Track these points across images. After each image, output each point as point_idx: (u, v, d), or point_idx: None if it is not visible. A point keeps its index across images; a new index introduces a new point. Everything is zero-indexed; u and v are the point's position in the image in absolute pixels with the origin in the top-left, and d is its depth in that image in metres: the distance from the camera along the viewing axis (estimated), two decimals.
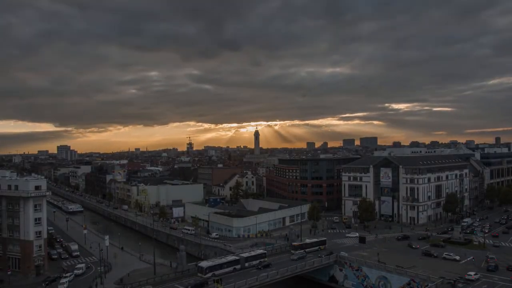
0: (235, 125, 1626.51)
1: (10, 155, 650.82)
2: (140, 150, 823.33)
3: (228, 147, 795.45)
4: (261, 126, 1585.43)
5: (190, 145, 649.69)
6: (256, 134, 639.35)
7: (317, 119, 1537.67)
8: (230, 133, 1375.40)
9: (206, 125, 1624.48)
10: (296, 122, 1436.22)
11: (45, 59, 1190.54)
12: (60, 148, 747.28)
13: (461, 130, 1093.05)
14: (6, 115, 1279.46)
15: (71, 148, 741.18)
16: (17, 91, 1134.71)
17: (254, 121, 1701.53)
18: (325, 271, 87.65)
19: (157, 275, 79.83)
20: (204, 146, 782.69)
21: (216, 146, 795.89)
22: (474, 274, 74.13)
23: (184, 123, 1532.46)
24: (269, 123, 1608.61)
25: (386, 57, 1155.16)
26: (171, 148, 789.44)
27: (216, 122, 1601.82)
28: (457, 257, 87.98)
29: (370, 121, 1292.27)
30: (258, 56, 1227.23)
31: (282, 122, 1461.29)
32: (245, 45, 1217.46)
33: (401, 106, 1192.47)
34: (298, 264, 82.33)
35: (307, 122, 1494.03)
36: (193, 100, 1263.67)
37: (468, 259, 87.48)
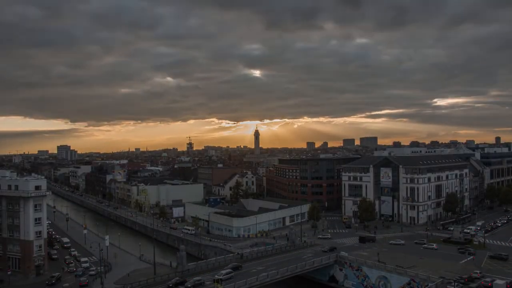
0: (256, 122, 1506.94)
1: (10, 155, 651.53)
2: (140, 150, 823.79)
3: (228, 147, 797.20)
4: (279, 124, 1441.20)
5: (190, 145, 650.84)
6: (256, 134, 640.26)
7: (349, 116, 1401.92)
8: (249, 132, 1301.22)
9: (225, 122, 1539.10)
10: (321, 119, 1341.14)
11: (70, 23, 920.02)
12: (60, 148, 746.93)
13: (493, 128, 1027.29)
14: (13, 110, 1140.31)
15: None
16: (27, 77, 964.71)
17: (280, 118, 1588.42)
18: (325, 271, 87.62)
19: (157, 275, 79.82)
20: (204, 146, 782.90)
21: (217, 146, 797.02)
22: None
23: (206, 120, 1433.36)
24: (293, 120, 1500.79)
25: (498, 35, 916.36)
26: (171, 148, 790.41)
27: (238, 119, 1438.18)
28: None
29: (400, 119, 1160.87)
30: (373, 21, 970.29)
31: (309, 119, 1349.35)
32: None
33: (444, 102, 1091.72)
34: (298, 264, 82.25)
35: (331, 119, 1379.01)
36: (231, 93, 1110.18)
37: (468, 259, 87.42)
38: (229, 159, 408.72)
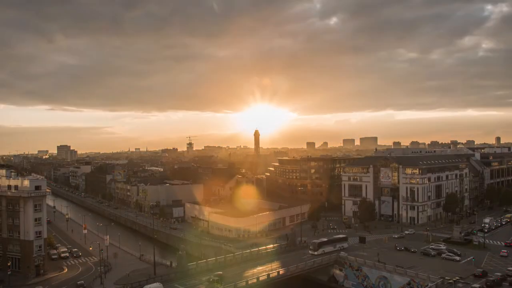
0: (322, 116, 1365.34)
1: (10, 155, 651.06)
2: (140, 150, 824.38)
3: (228, 147, 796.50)
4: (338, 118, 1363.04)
5: (190, 145, 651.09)
6: (256, 134, 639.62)
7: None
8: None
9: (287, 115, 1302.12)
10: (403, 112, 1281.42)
11: None
12: (60, 147, 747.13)
13: None
14: (33, 96, 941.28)
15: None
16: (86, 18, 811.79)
17: (360, 111, 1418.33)
18: (325, 271, 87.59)
19: (157, 275, 79.74)
20: (204, 146, 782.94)
21: (216, 146, 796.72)
22: None
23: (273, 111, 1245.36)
24: (364, 112, 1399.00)
25: None
26: (171, 148, 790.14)
27: (305, 111, 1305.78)
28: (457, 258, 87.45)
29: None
30: None
31: (395, 112, 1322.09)
32: None
33: None
34: (299, 264, 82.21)
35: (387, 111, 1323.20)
36: (382, 67, 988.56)
37: (468, 259, 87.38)
38: (229, 159, 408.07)
